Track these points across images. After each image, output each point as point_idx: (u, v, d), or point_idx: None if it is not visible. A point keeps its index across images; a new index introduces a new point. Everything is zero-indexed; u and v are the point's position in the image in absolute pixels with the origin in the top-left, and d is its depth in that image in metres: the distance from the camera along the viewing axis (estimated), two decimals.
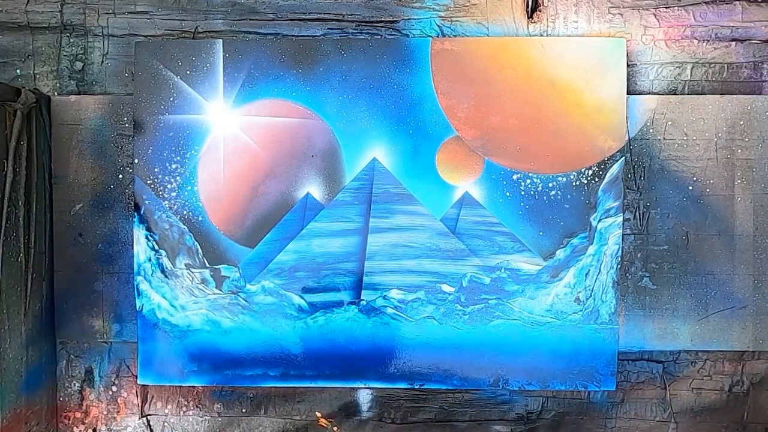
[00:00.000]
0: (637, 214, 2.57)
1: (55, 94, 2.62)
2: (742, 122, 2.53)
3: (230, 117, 2.54)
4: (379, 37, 2.59)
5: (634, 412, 2.66)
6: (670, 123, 2.54)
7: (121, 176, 2.63)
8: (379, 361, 2.58)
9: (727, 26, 2.56)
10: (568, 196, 2.53)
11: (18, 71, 2.63)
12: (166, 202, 2.56)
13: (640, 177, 2.56)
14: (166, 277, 2.57)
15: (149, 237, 2.56)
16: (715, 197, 2.54)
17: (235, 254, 2.57)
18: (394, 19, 2.60)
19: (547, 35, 2.58)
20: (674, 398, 2.64)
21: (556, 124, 2.51)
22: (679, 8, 2.56)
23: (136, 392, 2.70)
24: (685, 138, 2.54)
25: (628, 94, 2.52)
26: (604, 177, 2.52)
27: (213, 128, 2.55)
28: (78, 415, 2.70)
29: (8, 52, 2.63)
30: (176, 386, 2.68)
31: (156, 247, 2.56)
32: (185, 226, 2.57)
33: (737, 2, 2.55)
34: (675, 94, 2.57)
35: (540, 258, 2.54)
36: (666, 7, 2.56)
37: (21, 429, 2.43)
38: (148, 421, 2.71)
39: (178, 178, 2.56)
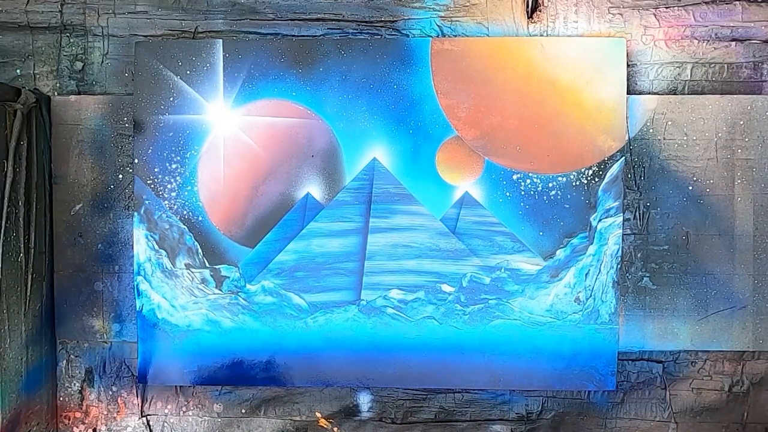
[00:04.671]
0: (637, 214, 2.57)
1: (55, 94, 2.62)
2: (742, 122, 2.53)
3: (230, 117, 2.54)
4: (379, 37, 2.59)
5: (634, 412, 2.66)
6: (670, 123, 2.54)
7: (121, 176, 2.63)
8: (379, 361, 2.58)
9: (727, 26, 2.56)
10: (568, 196, 2.53)
11: (18, 71, 2.63)
12: (166, 202, 2.56)
13: (640, 177, 2.56)
14: (166, 277, 2.57)
15: (149, 237, 2.56)
16: (715, 197, 2.54)
17: (235, 254, 2.57)
18: (394, 19, 2.60)
19: (547, 35, 2.58)
20: (674, 398, 2.63)
21: (556, 124, 2.51)
22: (679, 8, 2.56)
23: (136, 392, 2.69)
24: (685, 138, 2.54)
25: (628, 94, 2.52)
26: (604, 177, 2.52)
27: (213, 128, 2.55)
28: (78, 415, 2.70)
29: (8, 52, 2.63)
30: (176, 386, 2.68)
31: (156, 247, 2.56)
32: (185, 226, 2.57)
33: (737, 2, 2.55)
34: (675, 94, 2.57)
35: (540, 258, 2.54)
36: (666, 7, 2.56)
37: (21, 429, 2.43)
38: (148, 421, 2.71)
39: (178, 178, 2.56)
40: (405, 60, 2.52)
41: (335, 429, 2.70)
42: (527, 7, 2.56)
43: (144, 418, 2.70)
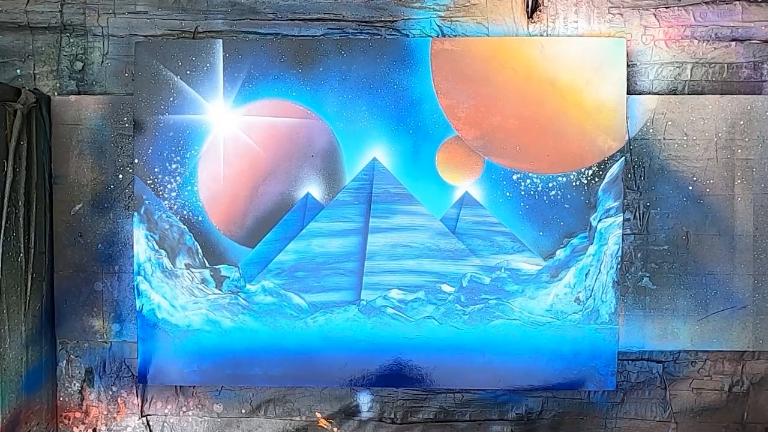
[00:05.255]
0: (637, 214, 2.57)
1: (55, 94, 2.62)
2: (742, 122, 2.53)
3: (230, 117, 2.54)
4: (379, 37, 2.59)
5: (634, 412, 2.66)
6: (670, 123, 2.54)
7: (121, 176, 2.63)
8: (379, 361, 2.58)
9: (727, 26, 2.56)
10: (568, 196, 2.52)
11: (18, 71, 2.63)
12: (166, 202, 2.56)
13: (640, 177, 2.56)
14: (166, 277, 2.57)
15: (149, 237, 2.56)
16: (715, 197, 2.54)
17: (235, 254, 2.57)
18: (394, 19, 2.60)
19: (547, 35, 2.58)
20: (674, 398, 2.63)
21: (556, 124, 2.51)
22: (679, 8, 2.56)
23: (136, 392, 2.69)
24: (685, 138, 2.54)
25: (628, 94, 2.51)
26: (604, 177, 2.52)
27: (213, 128, 2.54)
28: (78, 415, 2.70)
29: (8, 52, 2.63)
30: (176, 386, 2.68)
31: (156, 247, 2.56)
32: (185, 226, 2.56)
33: (737, 2, 2.55)
34: (675, 94, 2.56)
35: (540, 258, 2.54)
36: (666, 7, 2.56)
37: (21, 429, 2.43)
38: (148, 421, 2.70)
39: (178, 178, 2.56)
40: (405, 60, 2.52)
41: (335, 429, 2.70)
42: (527, 7, 2.56)
43: (144, 418, 2.70)
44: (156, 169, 2.55)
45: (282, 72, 2.53)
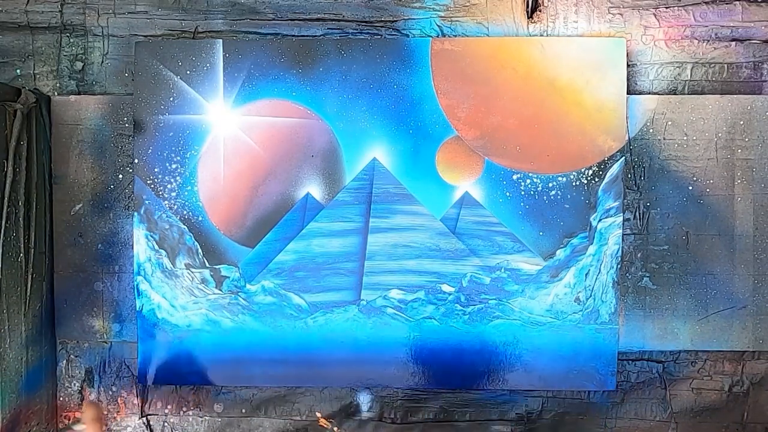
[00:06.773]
0: (637, 214, 2.57)
1: (55, 94, 2.62)
2: (742, 122, 2.53)
3: (230, 117, 2.54)
4: (379, 37, 2.59)
5: (634, 412, 2.66)
6: (670, 123, 2.53)
7: (121, 176, 2.63)
8: (379, 361, 2.58)
9: (727, 26, 2.56)
10: (568, 196, 2.52)
11: (18, 71, 2.63)
12: (166, 202, 2.56)
13: (640, 177, 2.56)
14: (166, 277, 2.57)
15: (149, 237, 2.56)
16: (715, 197, 2.54)
17: (235, 254, 2.57)
18: (394, 19, 2.59)
19: (547, 35, 2.58)
20: (674, 398, 2.63)
21: (556, 124, 2.51)
22: (679, 8, 2.56)
23: (136, 392, 2.69)
24: (685, 138, 2.54)
25: (628, 94, 2.51)
26: (604, 177, 2.51)
27: (213, 128, 2.54)
28: (78, 415, 2.70)
29: (8, 52, 2.63)
30: (176, 386, 2.68)
31: (156, 247, 2.56)
32: (185, 226, 2.56)
33: (737, 2, 2.55)
34: (675, 94, 2.56)
35: (540, 258, 2.54)
36: (666, 7, 2.56)
37: (21, 429, 2.43)
38: (148, 421, 2.70)
39: (178, 178, 2.56)
40: (405, 60, 2.52)
41: (335, 429, 2.70)
42: (527, 7, 2.56)
43: (144, 418, 2.69)
44: (156, 169, 2.55)
45: (282, 72, 2.53)
